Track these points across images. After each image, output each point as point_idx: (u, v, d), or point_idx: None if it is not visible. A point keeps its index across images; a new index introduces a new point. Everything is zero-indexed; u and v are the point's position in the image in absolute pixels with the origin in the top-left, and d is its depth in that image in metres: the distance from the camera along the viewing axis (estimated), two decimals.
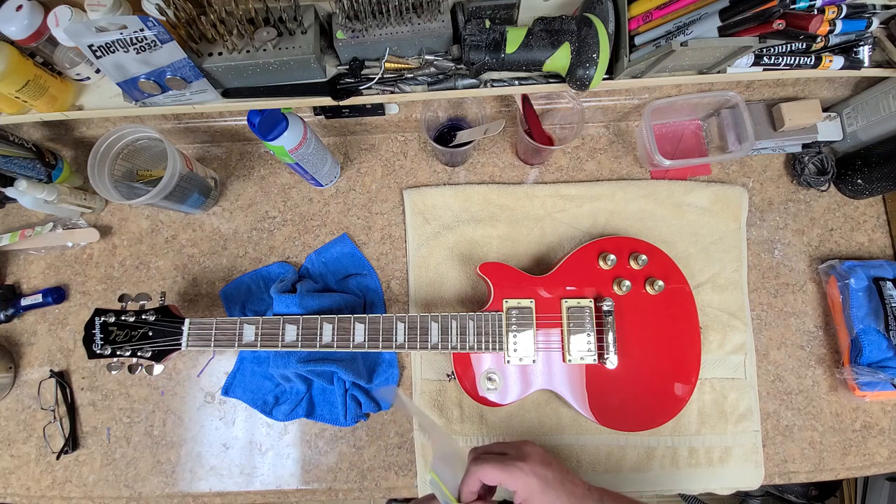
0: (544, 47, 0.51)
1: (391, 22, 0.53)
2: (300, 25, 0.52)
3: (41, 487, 0.68)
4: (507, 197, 0.72)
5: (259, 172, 0.76)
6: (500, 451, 0.49)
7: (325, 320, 0.58)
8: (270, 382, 0.68)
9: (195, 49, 0.51)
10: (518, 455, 0.48)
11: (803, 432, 0.68)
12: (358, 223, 0.73)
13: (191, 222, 0.74)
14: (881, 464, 0.67)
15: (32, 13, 0.52)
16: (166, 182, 0.59)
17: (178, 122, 0.71)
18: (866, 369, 0.64)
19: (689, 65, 0.57)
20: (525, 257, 0.71)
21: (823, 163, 0.72)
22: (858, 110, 0.70)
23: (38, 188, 0.65)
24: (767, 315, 0.70)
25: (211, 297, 0.72)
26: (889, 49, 0.59)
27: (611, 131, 0.76)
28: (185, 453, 0.68)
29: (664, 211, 0.71)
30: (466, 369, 0.61)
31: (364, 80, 0.56)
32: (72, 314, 0.72)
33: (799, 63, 0.59)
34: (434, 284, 0.70)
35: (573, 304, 0.62)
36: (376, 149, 0.76)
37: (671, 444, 0.66)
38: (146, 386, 0.70)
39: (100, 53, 0.47)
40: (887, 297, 0.65)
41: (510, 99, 0.70)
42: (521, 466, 0.46)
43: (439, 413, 0.67)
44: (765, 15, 0.48)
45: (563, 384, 0.61)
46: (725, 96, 0.68)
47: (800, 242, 0.72)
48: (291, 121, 0.58)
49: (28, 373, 0.71)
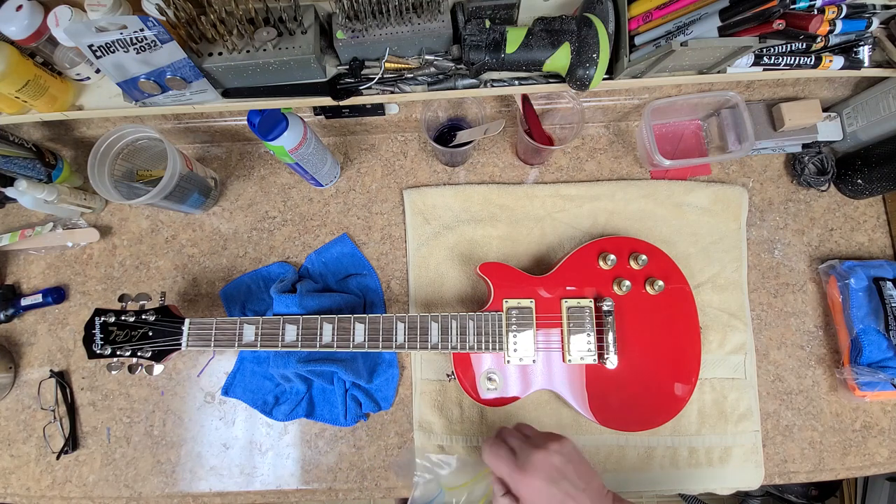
0: (544, 47, 0.51)
1: (391, 22, 0.53)
2: (300, 25, 0.52)
3: (41, 487, 0.68)
4: (507, 197, 0.72)
5: (259, 172, 0.76)
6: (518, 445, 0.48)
7: (325, 320, 0.58)
8: (270, 382, 0.68)
9: (195, 49, 0.51)
10: (525, 462, 0.46)
11: (803, 432, 0.68)
12: (358, 223, 0.73)
13: (191, 222, 0.74)
14: (881, 464, 0.67)
15: (32, 13, 0.52)
16: (166, 182, 0.59)
17: (178, 122, 0.71)
18: (866, 369, 0.64)
19: (689, 65, 0.57)
20: (525, 257, 0.71)
21: (823, 163, 0.72)
22: (858, 110, 0.70)
23: (38, 188, 0.65)
24: (767, 315, 0.70)
25: (211, 297, 0.72)
26: (889, 49, 0.59)
27: (611, 131, 0.76)
28: (185, 453, 0.68)
29: (664, 211, 0.71)
30: (466, 369, 0.61)
31: (364, 80, 0.56)
32: (72, 314, 0.72)
33: (799, 63, 0.59)
34: (434, 284, 0.70)
35: (573, 304, 0.62)
36: (376, 149, 0.76)
37: (671, 444, 0.66)
38: (146, 386, 0.70)
39: (100, 53, 0.47)
40: (887, 297, 0.65)
41: (510, 99, 0.70)
42: (523, 479, 0.45)
43: (439, 413, 0.67)
44: (765, 15, 0.48)
45: (563, 384, 0.61)
46: (725, 96, 0.68)
47: (800, 242, 0.72)
48: (291, 121, 0.58)
49: (28, 373, 0.71)
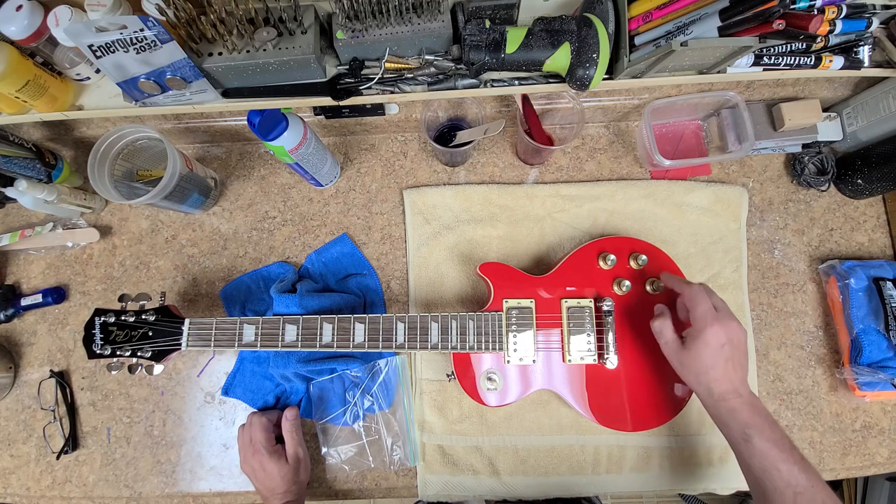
0: (544, 47, 0.51)
1: (391, 22, 0.53)
2: (300, 25, 0.52)
3: (41, 487, 0.68)
4: (507, 197, 0.72)
5: (259, 172, 0.76)
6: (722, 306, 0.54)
7: (325, 320, 0.58)
8: (270, 382, 0.68)
9: (195, 49, 0.51)
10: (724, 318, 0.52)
11: (803, 432, 0.68)
12: (358, 223, 0.73)
13: (191, 222, 0.74)
14: (881, 464, 0.67)
15: (32, 13, 0.52)
16: (166, 182, 0.59)
17: (178, 122, 0.71)
18: (866, 369, 0.64)
19: (689, 65, 0.57)
20: (525, 257, 0.71)
21: (823, 163, 0.72)
22: (858, 110, 0.70)
23: (38, 188, 0.65)
24: (767, 315, 0.70)
25: (211, 297, 0.72)
26: (889, 49, 0.59)
27: (611, 131, 0.76)
28: (185, 453, 0.68)
29: (664, 211, 0.71)
30: (466, 369, 0.61)
31: (364, 80, 0.56)
32: (72, 314, 0.72)
33: (799, 63, 0.59)
34: (434, 284, 0.70)
35: (573, 304, 0.62)
36: (376, 149, 0.76)
37: (671, 445, 0.66)
38: (146, 386, 0.70)
39: (100, 53, 0.47)
40: (887, 297, 0.65)
41: (510, 99, 0.70)
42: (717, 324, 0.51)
43: (439, 413, 0.67)
44: (765, 15, 0.48)
45: (563, 384, 0.61)
46: (725, 96, 0.68)
47: (800, 242, 0.72)
48: (291, 121, 0.58)
49: (28, 373, 0.71)
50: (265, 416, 0.64)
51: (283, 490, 0.59)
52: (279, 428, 0.65)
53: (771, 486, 0.47)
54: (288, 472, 0.60)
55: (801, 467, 0.46)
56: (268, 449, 0.61)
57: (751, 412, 0.50)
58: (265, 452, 0.60)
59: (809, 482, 0.46)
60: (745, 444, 0.49)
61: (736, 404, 0.50)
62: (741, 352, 0.52)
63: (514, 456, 0.66)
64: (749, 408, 0.50)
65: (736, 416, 0.50)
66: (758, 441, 0.48)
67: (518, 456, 0.66)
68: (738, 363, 0.52)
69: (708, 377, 0.51)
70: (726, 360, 0.51)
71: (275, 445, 0.62)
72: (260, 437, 0.61)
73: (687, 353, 0.53)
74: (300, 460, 0.62)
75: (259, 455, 0.60)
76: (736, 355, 0.51)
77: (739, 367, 0.52)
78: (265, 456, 0.60)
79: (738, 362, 0.52)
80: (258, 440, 0.61)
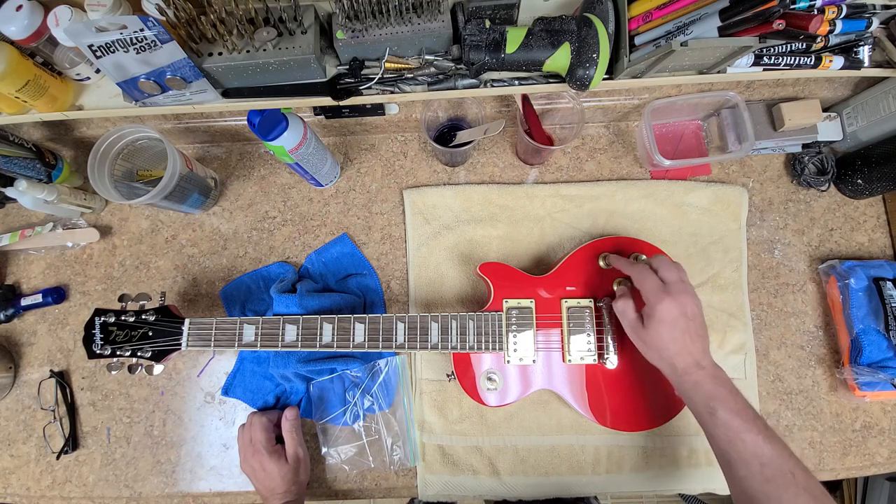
0: (544, 47, 0.51)
1: (391, 22, 0.53)
2: (300, 25, 0.52)
3: (41, 487, 0.68)
4: (507, 197, 0.72)
5: (259, 172, 0.76)
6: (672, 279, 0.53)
7: (325, 320, 0.58)
8: (270, 382, 0.68)
9: (195, 49, 0.51)
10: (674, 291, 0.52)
11: (803, 432, 0.68)
12: (358, 223, 0.73)
13: (191, 222, 0.74)
14: (881, 464, 0.67)
15: (32, 13, 0.52)
16: (166, 182, 0.59)
17: (178, 122, 0.71)
18: (866, 369, 0.64)
19: (689, 65, 0.57)
20: (525, 257, 0.71)
21: (823, 163, 0.72)
22: (858, 110, 0.70)
23: (38, 188, 0.65)
24: (767, 315, 0.70)
25: (211, 297, 0.72)
26: (889, 49, 0.59)
27: (611, 131, 0.76)
28: (185, 453, 0.68)
29: (664, 211, 0.71)
30: (466, 369, 0.61)
31: (364, 80, 0.56)
32: (72, 314, 0.72)
33: (799, 63, 0.59)
34: (434, 284, 0.70)
35: (573, 304, 0.62)
36: (376, 149, 0.76)
37: (671, 444, 0.66)
38: (146, 386, 0.70)
39: (100, 53, 0.47)
40: (887, 297, 0.65)
41: (510, 99, 0.70)
42: (666, 299, 0.51)
43: (439, 413, 0.67)
44: (765, 15, 0.48)
45: (563, 384, 0.61)
46: (725, 96, 0.68)
47: (800, 242, 0.72)
48: (291, 121, 0.58)
49: (28, 373, 0.71)
50: (265, 416, 0.64)
51: (283, 490, 0.59)
52: (279, 428, 0.64)
53: (737, 457, 0.46)
54: (288, 472, 0.60)
55: (765, 437, 0.46)
56: (268, 449, 0.61)
57: (713, 384, 0.49)
58: (265, 452, 0.60)
59: (775, 451, 0.45)
60: (710, 417, 0.48)
61: (699, 377, 0.50)
62: (697, 322, 0.52)
63: (514, 456, 0.66)
64: (712, 380, 0.49)
65: (699, 388, 0.49)
66: (722, 413, 0.47)
67: (518, 456, 0.66)
68: (696, 334, 0.51)
69: (669, 352, 0.51)
70: (683, 332, 0.51)
71: (275, 445, 0.62)
72: (260, 437, 0.61)
73: (646, 331, 0.53)
74: (300, 460, 0.62)
75: (259, 455, 0.60)
76: (692, 327, 0.51)
77: (698, 339, 0.51)
78: (265, 456, 0.60)
79: (696, 333, 0.51)
80: (258, 440, 0.61)
